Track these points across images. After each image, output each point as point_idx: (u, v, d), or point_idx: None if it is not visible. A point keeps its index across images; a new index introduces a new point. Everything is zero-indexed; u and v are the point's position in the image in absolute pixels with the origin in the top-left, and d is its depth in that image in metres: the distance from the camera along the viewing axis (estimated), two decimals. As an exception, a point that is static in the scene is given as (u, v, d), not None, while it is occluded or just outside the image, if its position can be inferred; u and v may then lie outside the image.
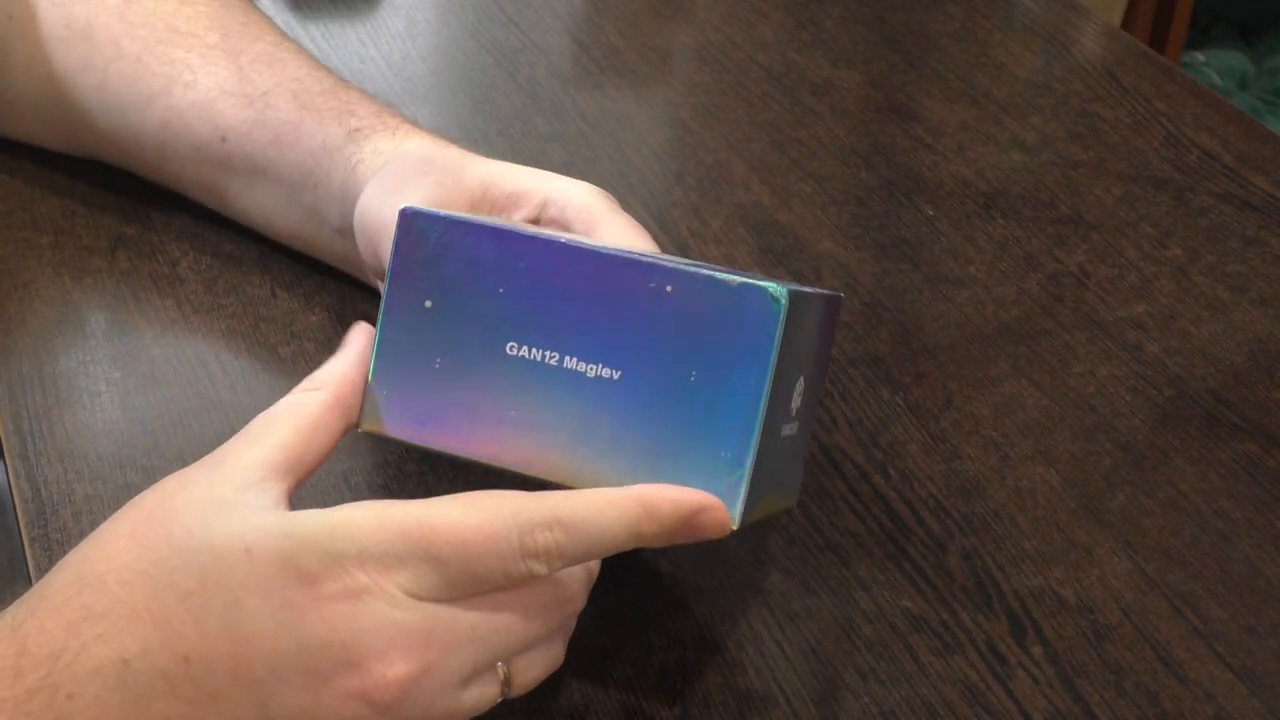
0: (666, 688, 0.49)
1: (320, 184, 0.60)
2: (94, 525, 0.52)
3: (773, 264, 0.69)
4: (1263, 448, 0.61)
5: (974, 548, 0.55)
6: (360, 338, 0.46)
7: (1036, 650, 0.51)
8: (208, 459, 0.42)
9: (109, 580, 0.39)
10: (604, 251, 0.44)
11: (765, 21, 0.90)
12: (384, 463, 0.56)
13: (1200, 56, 2.22)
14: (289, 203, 0.62)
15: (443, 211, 0.46)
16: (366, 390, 0.45)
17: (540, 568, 0.40)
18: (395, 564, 0.39)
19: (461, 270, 0.44)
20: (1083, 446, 0.60)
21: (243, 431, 0.43)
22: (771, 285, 0.42)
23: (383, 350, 0.45)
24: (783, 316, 0.42)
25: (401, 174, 0.55)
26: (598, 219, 0.52)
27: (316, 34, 0.84)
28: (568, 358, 0.43)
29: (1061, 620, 0.52)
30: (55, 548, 0.51)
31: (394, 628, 0.39)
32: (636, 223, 0.52)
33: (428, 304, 0.45)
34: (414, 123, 0.61)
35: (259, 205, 0.63)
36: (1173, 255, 0.72)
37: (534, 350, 0.44)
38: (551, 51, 0.85)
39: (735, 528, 0.42)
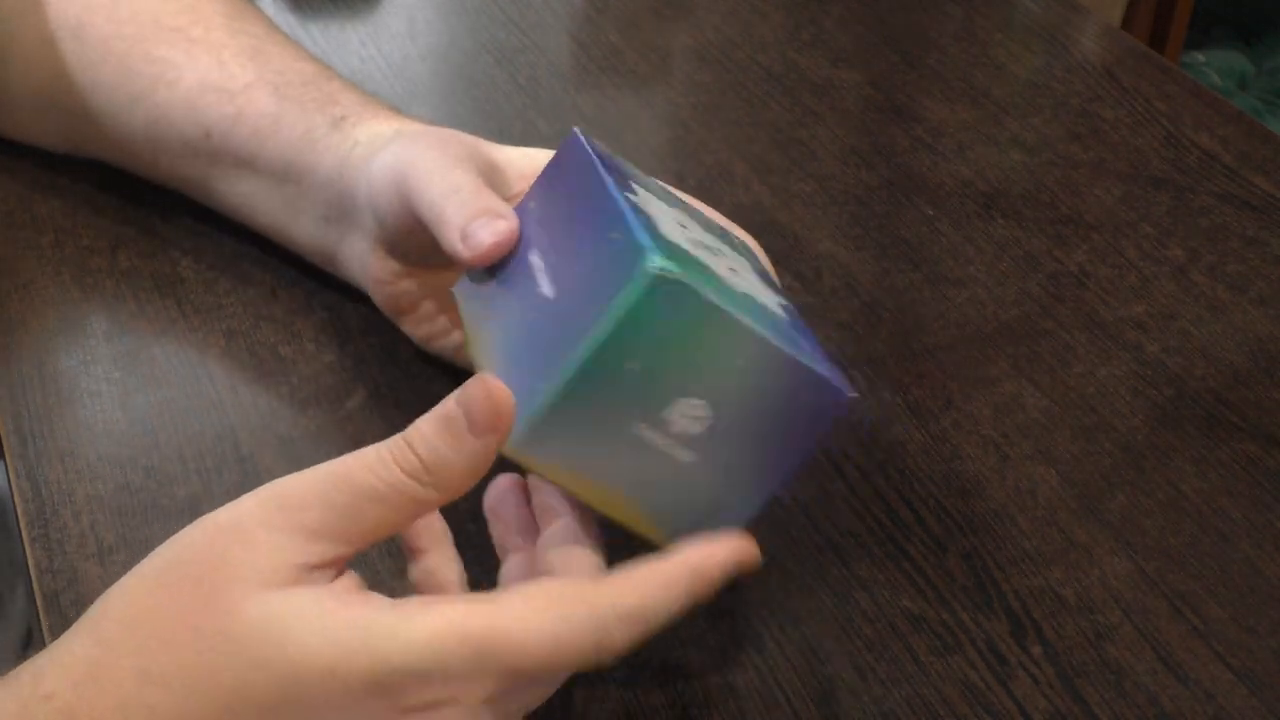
0: (666, 688, 0.49)
1: (305, 174, 0.59)
2: (94, 526, 0.52)
3: (773, 264, 0.69)
4: (1263, 448, 0.61)
5: (974, 548, 0.55)
6: (498, 431, 0.41)
7: (1036, 650, 0.51)
8: (275, 514, 0.39)
9: (174, 683, 0.37)
10: (616, 194, 0.44)
11: (765, 21, 0.90)
12: (384, 463, 0.56)
13: (1200, 56, 2.22)
14: (270, 195, 0.62)
15: (600, 149, 0.49)
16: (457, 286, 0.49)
17: (613, 662, 0.40)
18: (474, 678, 0.38)
19: (562, 186, 0.48)
20: (1083, 446, 0.60)
21: (327, 493, 0.40)
22: (659, 259, 0.40)
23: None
24: (639, 287, 0.40)
25: (431, 139, 0.54)
26: None
27: (316, 34, 0.84)
28: (541, 271, 0.45)
29: (1061, 620, 0.52)
30: (55, 548, 0.51)
31: None
32: None
33: (531, 205, 0.48)
34: (400, 112, 0.60)
35: (242, 198, 0.63)
36: (1173, 255, 0.72)
37: (537, 257, 0.46)
38: (551, 51, 0.85)
39: (507, 454, 0.42)
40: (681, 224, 0.47)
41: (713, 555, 0.42)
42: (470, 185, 0.50)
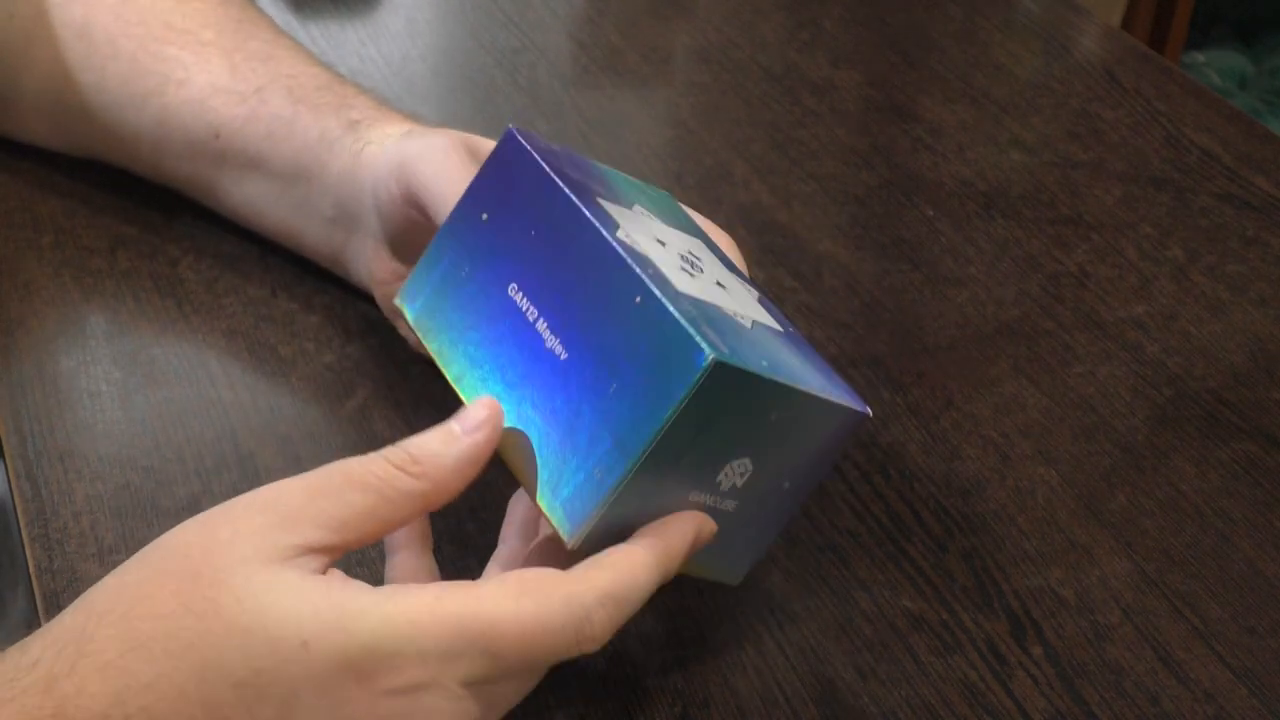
0: (666, 688, 0.49)
1: (316, 175, 0.60)
2: (94, 526, 0.52)
3: (773, 264, 0.69)
4: (1263, 448, 0.61)
5: (974, 548, 0.55)
6: (486, 428, 0.42)
7: (1036, 650, 0.51)
8: (265, 501, 0.40)
9: (155, 648, 0.37)
10: (614, 243, 0.44)
11: (765, 21, 0.90)
12: (384, 463, 0.56)
13: (1200, 56, 2.22)
14: (279, 197, 0.62)
15: (540, 145, 0.47)
16: (413, 270, 0.48)
17: (594, 649, 0.40)
18: (452, 660, 0.39)
19: (521, 203, 0.46)
20: (1083, 446, 0.60)
21: (315, 482, 0.40)
22: (706, 346, 0.40)
23: (437, 241, 0.48)
24: (697, 380, 0.40)
25: (435, 135, 0.55)
26: None
27: (316, 34, 0.84)
28: (541, 320, 0.44)
29: (1061, 620, 0.52)
30: (55, 548, 0.51)
31: (446, 718, 0.39)
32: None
33: (484, 217, 0.47)
34: (414, 116, 0.61)
35: (249, 200, 0.63)
36: (1173, 255, 0.72)
37: (525, 300, 0.45)
38: (551, 51, 0.85)
39: (569, 545, 0.42)
40: (659, 239, 0.47)
41: (676, 530, 0.43)
42: (468, 175, 0.50)
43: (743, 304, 0.47)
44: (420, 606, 0.38)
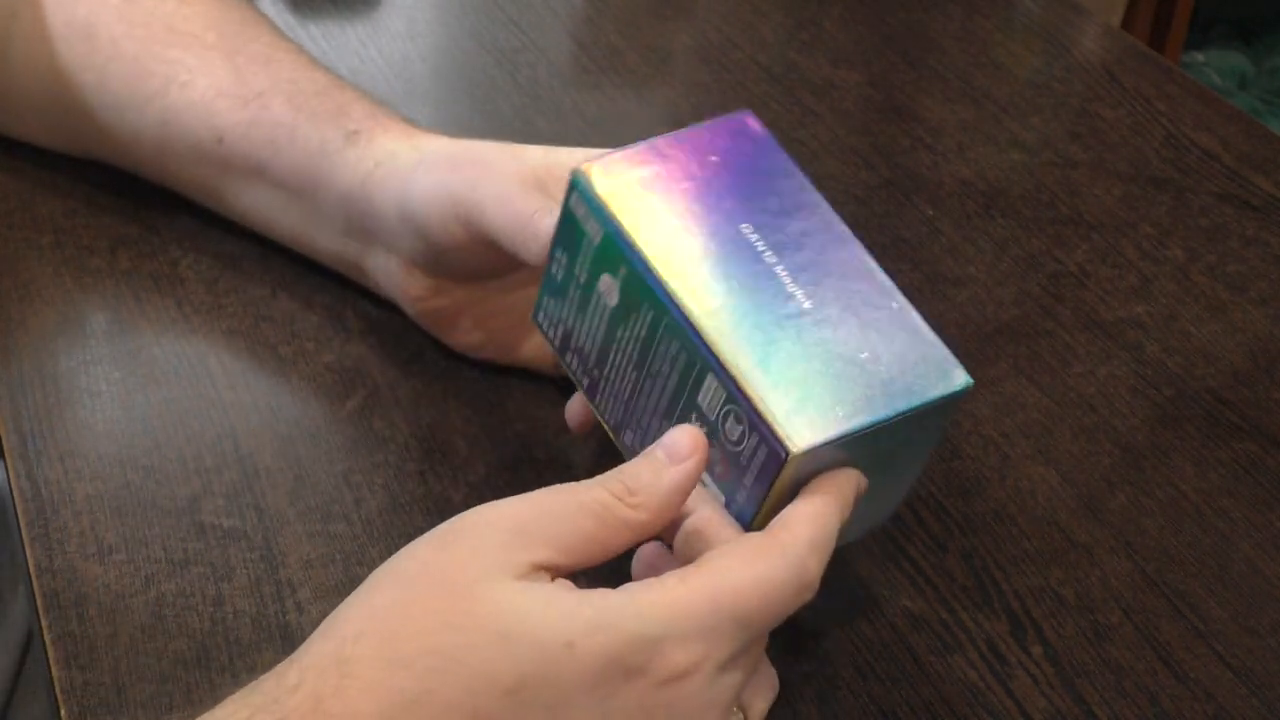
0: (666, 688, 0.49)
1: (320, 187, 0.59)
2: (94, 525, 0.52)
3: (773, 264, 0.69)
4: (1263, 448, 0.61)
5: (974, 548, 0.55)
6: (695, 456, 0.43)
7: (1036, 650, 0.51)
8: (499, 518, 0.41)
9: (418, 665, 0.38)
10: (863, 248, 0.48)
11: (765, 21, 0.90)
12: (383, 463, 0.56)
13: (1200, 56, 2.22)
14: (286, 205, 0.62)
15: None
16: (608, 153, 0.49)
17: (811, 596, 0.42)
18: (712, 637, 0.40)
19: (761, 172, 0.50)
20: (1083, 446, 0.60)
21: (546, 503, 0.41)
22: (963, 370, 0.44)
23: (648, 146, 0.49)
24: (951, 395, 0.44)
25: (462, 164, 0.55)
26: None
27: (316, 34, 0.84)
28: (781, 267, 0.46)
29: (1061, 620, 0.52)
30: (55, 548, 0.52)
31: (705, 703, 0.40)
32: None
33: (713, 159, 0.49)
34: (411, 121, 0.61)
35: (257, 206, 0.63)
36: (1173, 255, 0.72)
37: (762, 243, 0.47)
38: (551, 51, 0.85)
39: (791, 453, 0.43)
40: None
41: (846, 481, 0.44)
42: (544, 206, 0.51)
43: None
44: (672, 592, 0.40)
